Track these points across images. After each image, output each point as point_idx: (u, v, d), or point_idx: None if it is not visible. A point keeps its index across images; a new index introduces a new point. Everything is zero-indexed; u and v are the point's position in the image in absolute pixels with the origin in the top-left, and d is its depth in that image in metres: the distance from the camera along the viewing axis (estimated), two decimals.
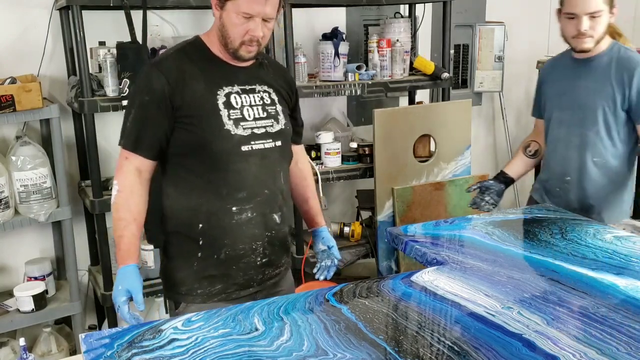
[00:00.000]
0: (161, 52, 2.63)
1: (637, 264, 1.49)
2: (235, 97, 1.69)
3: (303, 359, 1.11)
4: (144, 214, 1.70)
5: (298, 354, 1.12)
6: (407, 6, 3.38)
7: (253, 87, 1.74)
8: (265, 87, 1.77)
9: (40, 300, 2.55)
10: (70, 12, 2.41)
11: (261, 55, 1.81)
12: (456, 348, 1.13)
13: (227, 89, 1.69)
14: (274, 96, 1.78)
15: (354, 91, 2.90)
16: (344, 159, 3.00)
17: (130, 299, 1.60)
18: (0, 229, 2.47)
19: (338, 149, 2.97)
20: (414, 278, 1.45)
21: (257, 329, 1.22)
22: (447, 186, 3.39)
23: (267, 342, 1.17)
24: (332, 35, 2.92)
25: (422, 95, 3.64)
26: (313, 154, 2.98)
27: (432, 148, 3.08)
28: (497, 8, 3.81)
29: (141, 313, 2.80)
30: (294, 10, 2.74)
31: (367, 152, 3.00)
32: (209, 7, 3.14)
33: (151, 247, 2.63)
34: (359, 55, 3.41)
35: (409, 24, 3.10)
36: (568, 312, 1.25)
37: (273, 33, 2.72)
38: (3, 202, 2.45)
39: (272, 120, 1.74)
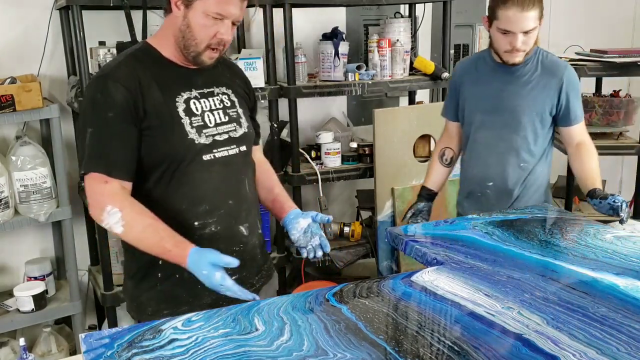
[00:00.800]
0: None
1: (637, 264, 1.49)
2: (194, 103, 1.57)
3: (303, 359, 1.11)
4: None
5: (298, 354, 1.12)
6: (407, 6, 3.38)
7: (211, 89, 1.62)
8: (224, 89, 1.65)
9: (40, 300, 2.55)
10: (70, 12, 2.41)
11: None
12: (456, 348, 1.13)
13: (185, 95, 1.57)
14: (233, 98, 1.66)
15: (354, 91, 2.90)
16: (344, 159, 3.00)
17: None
18: (0, 229, 2.47)
19: (338, 149, 2.97)
20: (414, 278, 1.45)
21: (257, 329, 1.22)
22: (447, 186, 3.39)
23: (267, 342, 1.17)
24: (332, 35, 2.92)
25: (422, 95, 3.64)
26: (313, 153, 2.99)
27: (432, 148, 3.08)
28: None
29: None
30: (294, 10, 2.74)
31: (367, 152, 3.00)
32: None
33: None
34: (359, 55, 3.42)
35: (409, 24, 3.10)
36: (568, 312, 1.25)
37: (273, 33, 2.74)
38: (3, 202, 2.45)
39: (235, 124, 1.63)
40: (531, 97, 2.09)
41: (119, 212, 1.45)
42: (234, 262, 1.41)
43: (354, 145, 3.06)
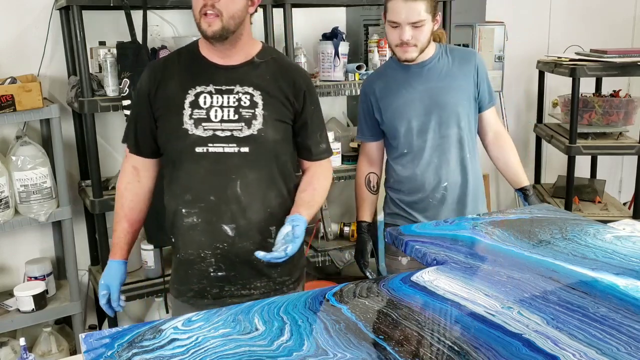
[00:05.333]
0: (161, 52, 2.64)
1: (637, 264, 1.49)
2: (205, 97, 1.65)
3: (303, 359, 1.11)
4: (137, 212, 1.77)
5: (298, 354, 1.12)
6: None
7: (231, 87, 1.66)
8: (250, 89, 1.66)
9: (40, 300, 2.55)
10: (70, 12, 2.41)
11: (265, 53, 1.73)
12: (456, 348, 1.13)
13: (199, 89, 1.66)
14: (257, 99, 1.66)
15: (354, 91, 2.90)
16: (344, 159, 3.00)
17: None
18: (0, 229, 2.47)
19: (338, 149, 2.97)
20: (414, 278, 1.45)
21: (257, 329, 1.22)
22: None
23: (267, 342, 1.17)
24: (332, 35, 2.92)
25: None
26: None
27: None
28: (497, 8, 3.81)
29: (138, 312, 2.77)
30: (294, 10, 2.74)
31: None
32: None
33: (151, 247, 2.63)
34: (359, 55, 3.41)
35: None
36: (568, 312, 1.25)
37: (273, 33, 2.73)
38: (3, 202, 2.45)
39: (243, 124, 1.64)
40: (461, 88, 2.09)
41: (116, 188, 1.81)
42: (114, 303, 1.73)
43: (354, 145, 3.06)
